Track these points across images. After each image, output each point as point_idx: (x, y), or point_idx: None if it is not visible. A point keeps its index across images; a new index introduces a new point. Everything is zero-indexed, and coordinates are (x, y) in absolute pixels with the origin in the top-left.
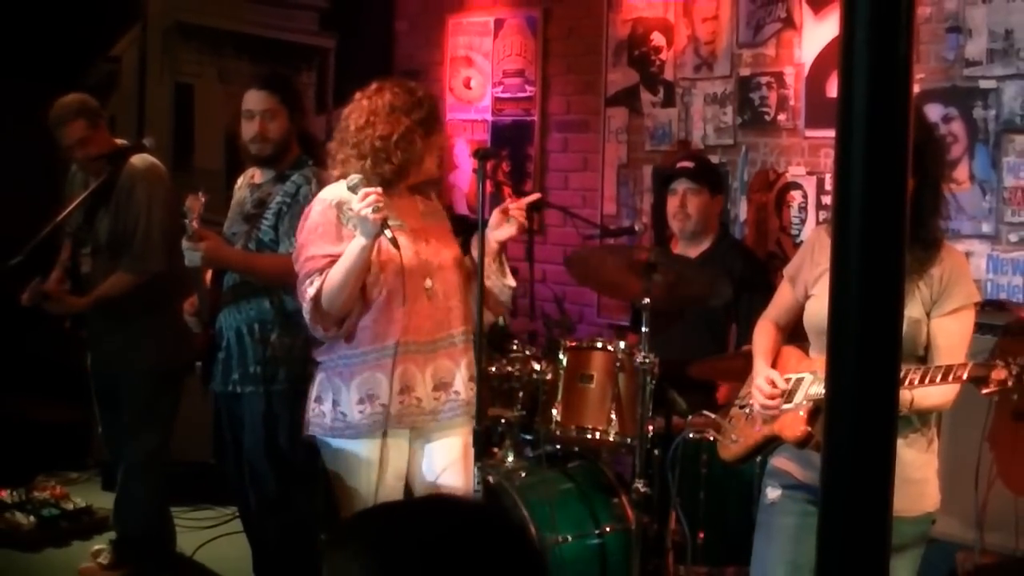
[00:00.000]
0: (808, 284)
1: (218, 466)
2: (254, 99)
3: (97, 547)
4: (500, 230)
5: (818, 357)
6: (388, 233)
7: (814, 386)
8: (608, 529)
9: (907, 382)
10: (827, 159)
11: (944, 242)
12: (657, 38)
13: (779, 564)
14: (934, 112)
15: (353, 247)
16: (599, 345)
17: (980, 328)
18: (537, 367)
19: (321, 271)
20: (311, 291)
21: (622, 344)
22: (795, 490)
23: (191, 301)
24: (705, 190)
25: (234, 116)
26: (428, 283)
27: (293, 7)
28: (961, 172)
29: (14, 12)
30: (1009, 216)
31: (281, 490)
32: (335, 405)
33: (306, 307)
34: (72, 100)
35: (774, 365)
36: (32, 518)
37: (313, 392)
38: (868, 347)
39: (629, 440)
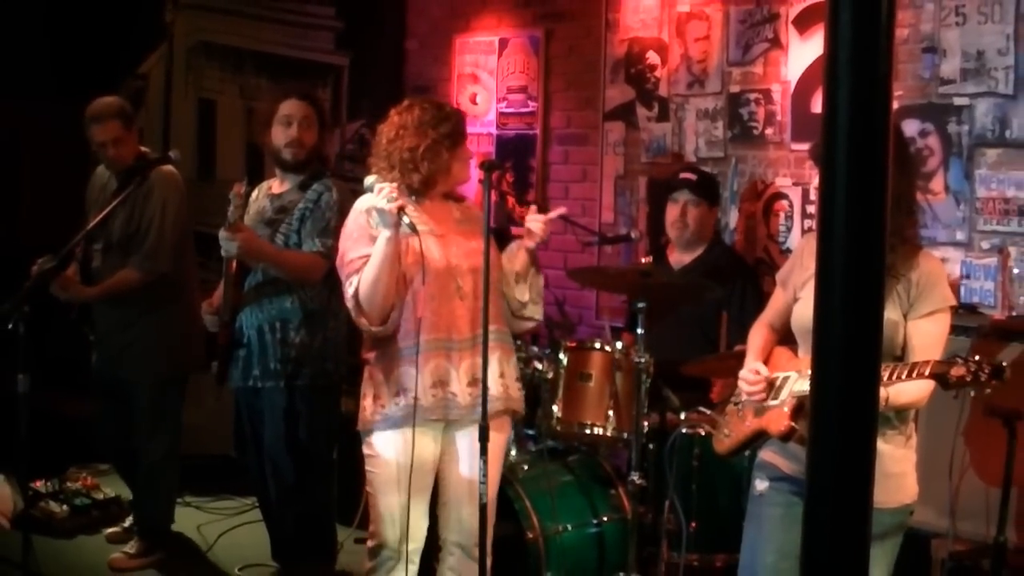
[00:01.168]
0: (796, 288)
1: (239, 459)
2: (293, 107)
3: (110, 530)
4: (523, 241)
5: (805, 357)
6: (405, 219)
7: (799, 383)
8: (606, 519)
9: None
10: (812, 170)
11: (922, 248)
12: (652, 57)
13: (767, 551)
14: (911, 127)
15: (379, 241)
16: (597, 345)
17: (955, 330)
18: (539, 366)
19: (358, 271)
20: (350, 290)
21: (619, 345)
22: (781, 482)
23: (210, 300)
24: (704, 202)
25: (261, 126)
26: (459, 284)
27: (309, 27)
28: (937, 183)
29: (49, 33)
30: (981, 225)
31: (300, 481)
32: (376, 399)
33: (350, 305)
34: (112, 100)
35: (766, 363)
36: (65, 507)
37: (363, 390)
38: (851, 346)
39: (626, 435)
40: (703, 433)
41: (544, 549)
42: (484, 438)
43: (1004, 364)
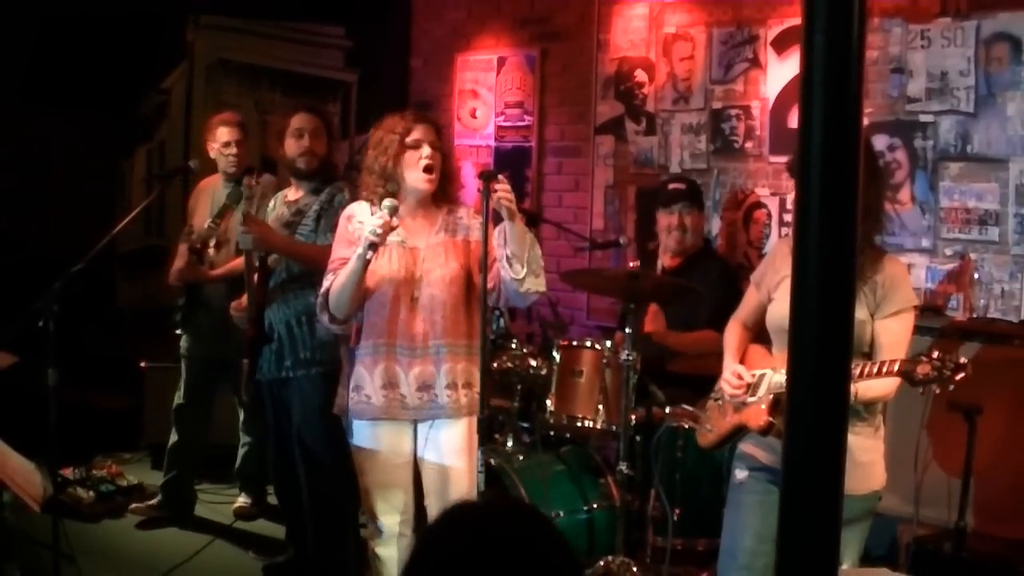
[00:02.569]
0: (770, 288)
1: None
2: (304, 120)
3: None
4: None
5: (779, 354)
6: (395, 237)
7: (775, 379)
8: (595, 506)
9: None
10: (788, 181)
11: (887, 253)
12: (640, 75)
13: (746, 535)
14: (880, 142)
15: (354, 257)
16: (589, 344)
17: (919, 331)
18: (534, 363)
19: (335, 272)
20: (324, 284)
21: (608, 343)
22: (759, 471)
23: (239, 302)
24: (695, 208)
25: (275, 139)
26: (416, 295)
27: (321, 46)
28: (904, 194)
29: (79, 51)
30: (945, 233)
31: (330, 464)
32: (347, 389)
33: (319, 301)
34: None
35: (742, 361)
36: (91, 493)
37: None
38: (824, 344)
39: (614, 428)
40: (686, 427)
41: None
42: (483, 431)
43: (965, 361)
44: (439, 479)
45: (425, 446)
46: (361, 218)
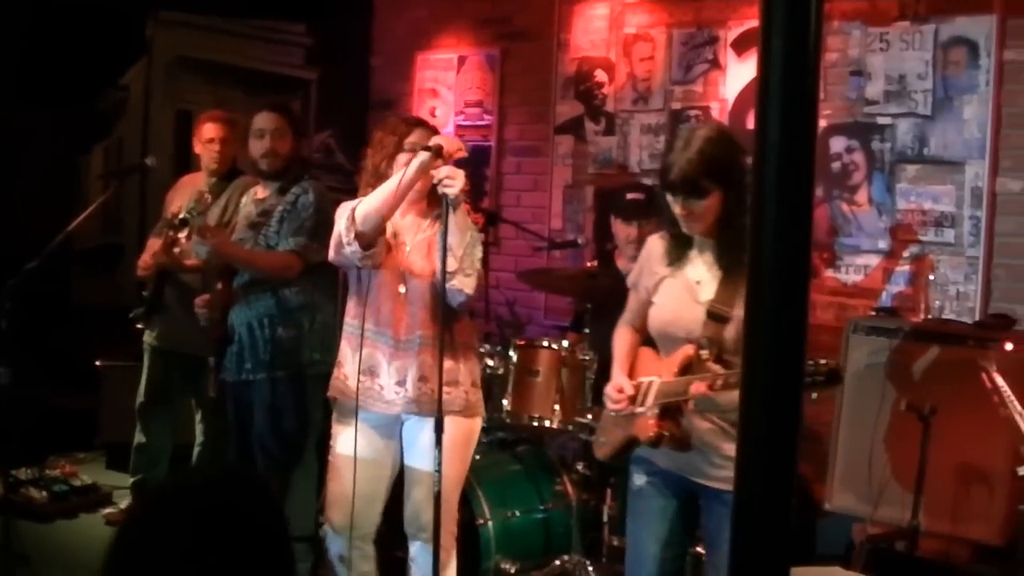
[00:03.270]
0: (649, 290)
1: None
2: (265, 119)
3: (107, 511)
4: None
5: (666, 358)
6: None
7: (662, 388)
8: (552, 505)
9: (719, 383)
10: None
11: None
12: (600, 75)
13: (650, 542)
14: (839, 143)
15: (409, 168)
16: (545, 344)
17: (876, 331)
18: (490, 363)
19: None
20: (351, 205)
21: (565, 343)
22: (657, 476)
23: (203, 298)
24: (654, 218)
25: (239, 140)
26: (402, 288)
27: (281, 43)
28: (861, 196)
29: (37, 48)
30: (901, 234)
31: (290, 467)
32: (339, 367)
33: (343, 227)
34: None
35: (633, 366)
36: (45, 493)
37: None
38: (780, 342)
39: (571, 427)
40: None
41: (494, 533)
42: (439, 430)
43: (839, 367)
44: (422, 482)
45: (408, 451)
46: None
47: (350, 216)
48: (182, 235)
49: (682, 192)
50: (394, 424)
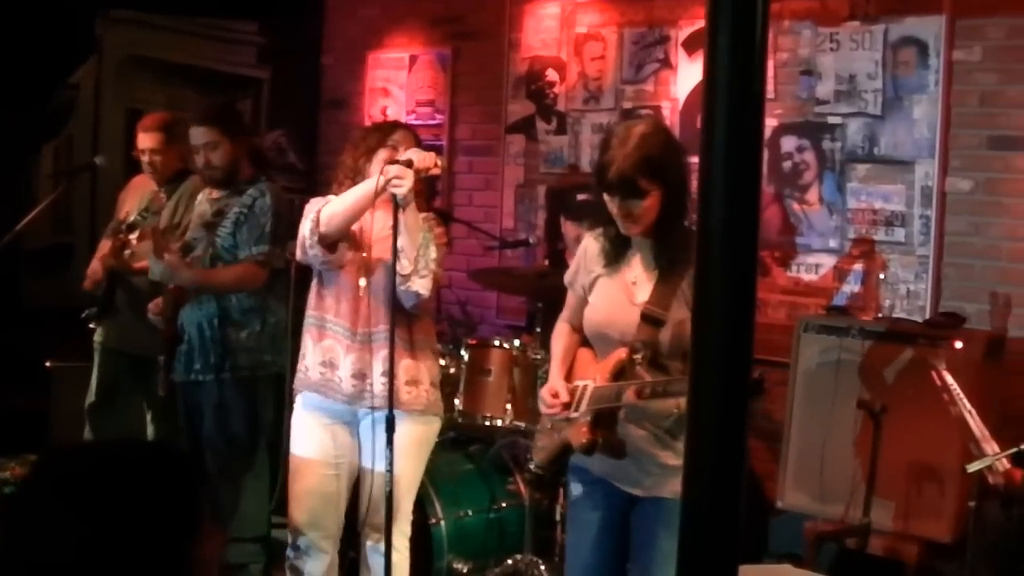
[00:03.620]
0: (585, 289)
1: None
2: (195, 135)
3: None
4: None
5: (602, 362)
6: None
7: (597, 393)
8: (504, 504)
9: (648, 391)
10: (694, 180)
11: None
12: (551, 74)
13: (589, 552)
14: (789, 143)
15: (369, 182)
16: (497, 343)
17: (827, 330)
18: (442, 362)
19: (327, 203)
20: (317, 204)
21: (517, 342)
22: (594, 485)
23: (157, 303)
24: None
25: (189, 152)
26: (363, 282)
27: (233, 42)
28: (812, 195)
29: None
30: (852, 233)
31: (240, 470)
32: (303, 358)
33: (307, 230)
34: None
35: (571, 367)
36: None
37: None
38: (728, 344)
39: (523, 426)
40: None
41: (447, 533)
42: (391, 429)
43: (761, 378)
44: (377, 482)
45: (367, 448)
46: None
47: (315, 218)
48: (133, 237)
49: (620, 192)
50: (352, 421)
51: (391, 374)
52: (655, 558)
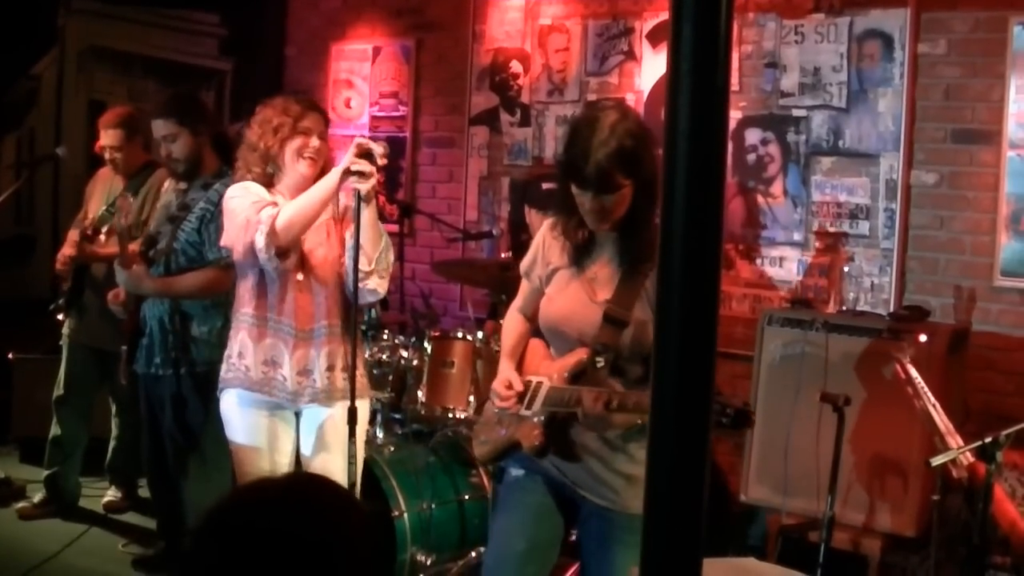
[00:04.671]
0: (541, 280)
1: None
2: (156, 128)
3: (20, 505)
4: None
5: (558, 359)
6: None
7: (552, 394)
8: (467, 497)
9: (615, 403)
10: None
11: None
12: (515, 66)
13: (520, 538)
14: (753, 136)
15: (327, 178)
16: (460, 335)
17: (790, 323)
18: (405, 354)
19: (274, 205)
20: (269, 213)
21: (480, 334)
22: (536, 474)
23: (116, 293)
24: None
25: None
26: (300, 276)
27: (195, 34)
28: (776, 188)
29: None
30: (816, 226)
31: (201, 463)
32: (228, 357)
33: (261, 232)
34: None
35: (521, 359)
36: None
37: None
38: (688, 341)
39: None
40: None
41: (410, 526)
42: (352, 421)
43: (748, 408)
44: (325, 471)
45: (306, 439)
46: (255, 190)
47: (270, 230)
48: (102, 233)
49: (595, 186)
50: (291, 413)
51: (353, 367)
52: (607, 570)
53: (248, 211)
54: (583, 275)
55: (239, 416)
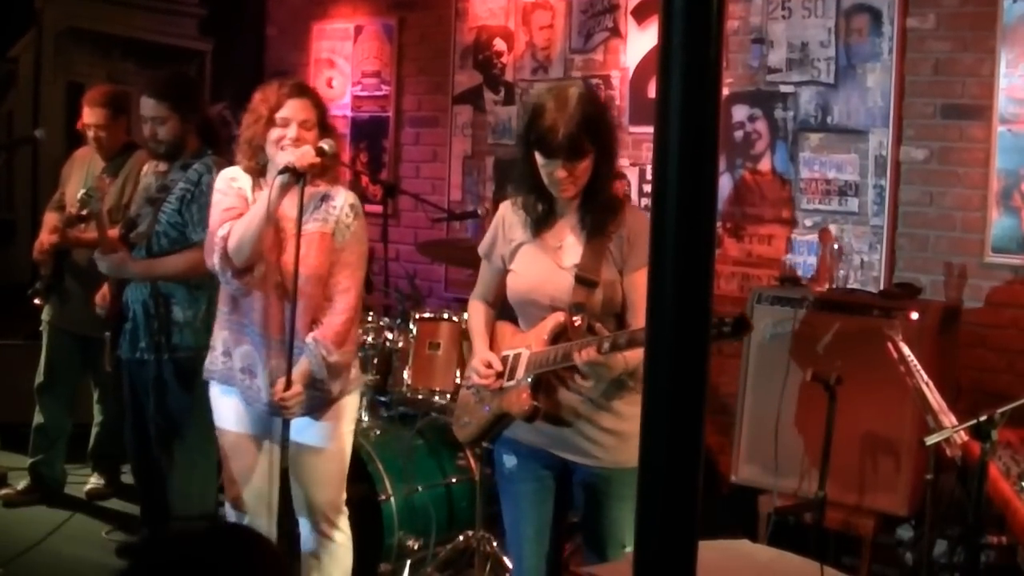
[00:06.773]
0: (505, 258)
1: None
2: (144, 106)
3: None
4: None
5: (529, 330)
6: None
7: (533, 359)
8: (454, 480)
9: (607, 346)
10: (648, 152)
11: (627, 203)
12: (499, 44)
13: (527, 525)
14: (741, 112)
15: (264, 193)
16: (446, 316)
17: (780, 301)
18: (390, 336)
19: (233, 219)
20: (222, 232)
21: (466, 315)
22: (528, 458)
23: (103, 293)
24: None
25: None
26: (279, 280)
27: (174, 14)
28: (764, 165)
29: None
30: (804, 204)
31: (186, 449)
32: (213, 349)
33: (216, 251)
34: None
35: (492, 342)
36: None
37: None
38: (683, 313)
39: None
40: None
41: (397, 509)
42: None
43: (745, 316)
44: (306, 464)
45: (293, 426)
46: (242, 183)
47: (222, 253)
48: (82, 225)
49: (565, 154)
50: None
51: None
52: (606, 527)
53: (215, 221)
54: (547, 245)
55: (225, 404)
